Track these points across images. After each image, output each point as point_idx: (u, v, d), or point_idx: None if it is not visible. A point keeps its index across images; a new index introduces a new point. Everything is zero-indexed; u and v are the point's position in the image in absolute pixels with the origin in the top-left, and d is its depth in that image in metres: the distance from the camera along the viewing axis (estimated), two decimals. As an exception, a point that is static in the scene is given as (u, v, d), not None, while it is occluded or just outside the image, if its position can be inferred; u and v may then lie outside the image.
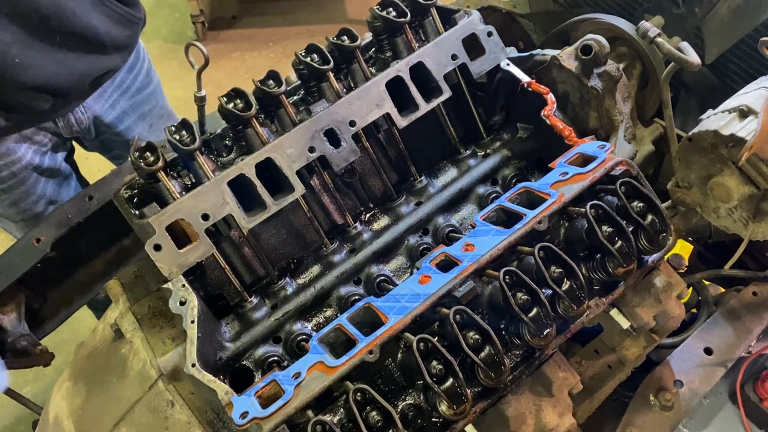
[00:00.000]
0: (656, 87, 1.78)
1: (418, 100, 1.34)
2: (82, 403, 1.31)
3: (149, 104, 2.22)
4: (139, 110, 2.19)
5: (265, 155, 1.23)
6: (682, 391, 1.50)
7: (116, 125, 2.13)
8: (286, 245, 1.38)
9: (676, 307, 1.30)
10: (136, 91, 2.14)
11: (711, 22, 1.80)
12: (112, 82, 2.04)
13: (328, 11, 5.16)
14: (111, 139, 2.17)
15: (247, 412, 0.99)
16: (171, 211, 1.17)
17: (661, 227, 1.18)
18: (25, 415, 2.99)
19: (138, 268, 1.39)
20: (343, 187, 1.42)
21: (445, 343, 1.05)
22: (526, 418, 1.14)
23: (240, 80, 4.56)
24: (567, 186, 1.18)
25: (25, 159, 1.93)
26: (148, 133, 2.22)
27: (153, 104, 2.24)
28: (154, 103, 2.24)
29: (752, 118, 1.33)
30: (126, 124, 2.16)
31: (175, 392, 1.19)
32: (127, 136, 2.17)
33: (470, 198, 1.46)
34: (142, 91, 2.17)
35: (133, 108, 2.15)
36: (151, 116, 2.24)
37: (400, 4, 1.36)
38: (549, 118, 1.39)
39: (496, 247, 1.11)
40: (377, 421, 0.99)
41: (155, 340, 1.26)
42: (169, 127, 1.22)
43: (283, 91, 1.28)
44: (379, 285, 1.34)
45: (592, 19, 1.82)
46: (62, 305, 1.66)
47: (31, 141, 1.93)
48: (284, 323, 1.30)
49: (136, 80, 2.13)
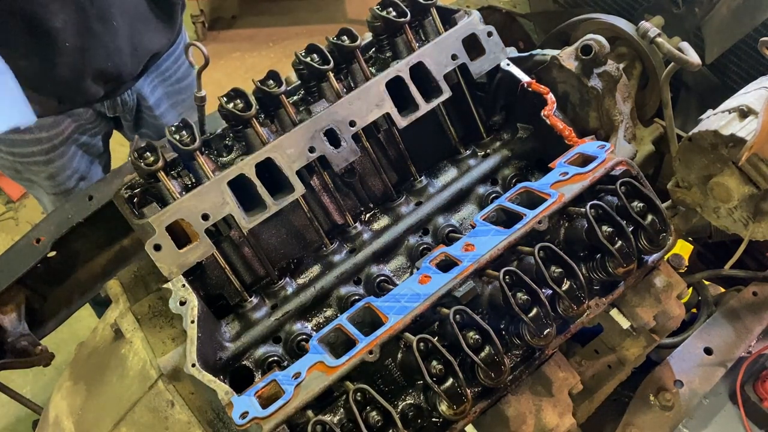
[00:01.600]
0: (656, 87, 1.78)
1: (418, 100, 1.34)
2: (82, 403, 1.31)
3: (184, 95, 2.34)
4: (174, 98, 2.31)
5: (265, 155, 1.23)
6: (682, 391, 1.50)
7: (153, 108, 2.25)
8: (286, 245, 1.38)
9: (676, 307, 1.30)
10: (176, 81, 2.26)
11: (711, 22, 1.80)
12: (158, 67, 2.16)
13: (328, 11, 5.16)
14: (144, 118, 2.27)
15: (247, 412, 0.99)
16: (171, 211, 1.17)
17: (661, 227, 1.18)
18: (25, 415, 2.99)
19: (138, 268, 1.39)
20: (343, 187, 1.42)
21: (445, 343, 1.05)
22: (526, 418, 1.14)
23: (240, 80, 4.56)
24: (567, 186, 1.18)
25: (67, 132, 2.02)
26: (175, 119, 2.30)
27: (187, 95, 2.35)
28: (188, 94, 2.35)
29: (752, 118, 1.33)
30: (161, 110, 2.27)
31: (175, 392, 1.19)
32: (160, 121, 2.29)
33: (470, 198, 1.46)
34: (181, 82, 2.29)
35: (169, 96, 2.27)
36: (182, 106, 2.36)
37: (400, 4, 1.36)
38: (549, 118, 1.39)
39: (496, 247, 1.11)
40: (377, 421, 0.99)
41: (155, 340, 1.26)
42: (169, 127, 1.22)
43: (283, 91, 1.28)
44: (379, 285, 1.34)
45: (592, 19, 1.82)
46: (62, 305, 1.66)
47: (76, 116, 2.01)
48: (284, 323, 1.30)
49: (178, 71, 2.26)
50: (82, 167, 2.16)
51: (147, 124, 2.30)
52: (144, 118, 2.28)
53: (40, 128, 1.95)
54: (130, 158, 1.19)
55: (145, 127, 2.32)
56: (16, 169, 2.09)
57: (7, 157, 2.04)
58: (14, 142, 1.97)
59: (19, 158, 2.03)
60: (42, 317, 1.64)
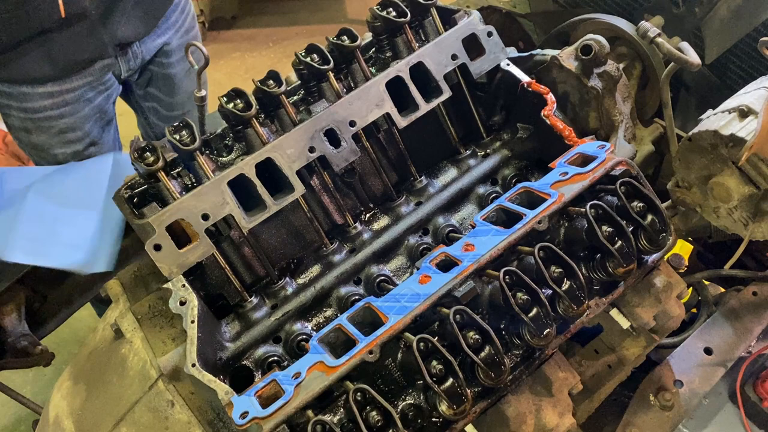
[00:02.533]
0: (656, 87, 1.78)
1: (418, 100, 1.34)
2: (82, 403, 1.31)
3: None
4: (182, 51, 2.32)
5: (265, 155, 1.23)
6: (682, 391, 1.50)
7: (163, 58, 2.26)
8: (286, 245, 1.38)
9: (676, 307, 1.30)
10: (185, 31, 2.28)
11: (711, 22, 1.80)
12: (167, 19, 2.18)
13: (328, 11, 5.16)
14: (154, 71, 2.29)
15: (247, 412, 0.99)
16: (171, 211, 1.17)
17: (661, 227, 1.18)
18: (25, 415, 2.99)
19: (138, 268, 1.39)
20: (343, 187, 1.42)
21: (445, 343, 1.05)
22: (526, 418, 1.14)
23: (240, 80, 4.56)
24: (567, 186, 1.18)
25: (78, 90, 2.03)
26: (185, 75, 2.35)
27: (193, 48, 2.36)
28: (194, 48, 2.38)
29: (752, 118, 1.33)
30: (171, 60, 2.28)
31: (175, 392, 1.19)
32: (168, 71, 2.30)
33: (470, 198, 1.46)
34: (189, 33, 2.31)
35: (180, 48, 2.28)
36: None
37: (400, 4, 1.37)
38: (549, 118, 1.39)
39: (496, 247, 1.11)
40: (377, 421, 0.99)
41: (155, 340, 1.26)
42: (169, 127, 1.22)
43: (283, 91, 1.28)
44: (379, 285, 1.34)
45: (592, 19, 1.83)
46: (62, 305, 1.66)
47: (86, 72, 2.03)
48: (284, 323, 1.30)
49: (185, 21, 2.27)
50: (94, 132, 2.17)
51: (156, 78, 2.31)
52: (155, 73, 2.29)
53: (52, 82, 1.97)
54: (130, 158, 1.19)
55: (154, 85, 2.33)
56: (26, 129, 2.08)
57: (18, 115, 2.03)
58: (26, 96, 1.98)
59: (31, 114, 2.02)
60: (42, 317, 1.64)
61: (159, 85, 2.35)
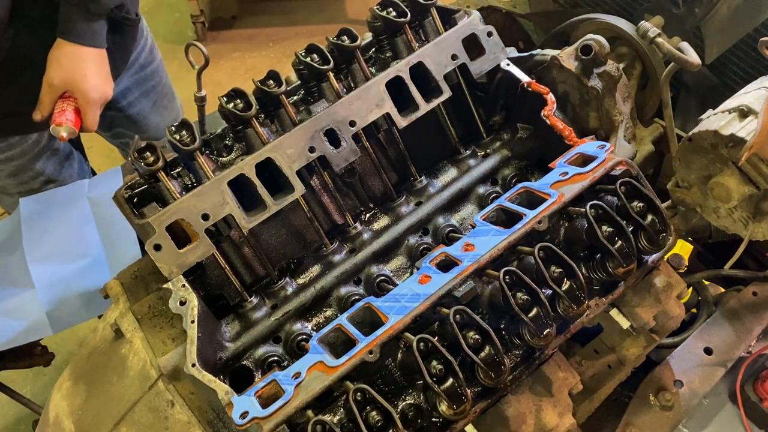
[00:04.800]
0: (656, 87, 1.78)
1: (418, 100, 1.34)
2: (82, 403, 1.30)
3: (153, 81, 2.22)
4: (143, 87, 2.20)
5: (265, 155, 1.23)
6: (682, 391, 1.50)
7: (119, 100, 2.13)
8: (286, 245, 1.38)
9: (676, 307, 1.30)
10: (139, 67, 2.14)
11: (711, 22, 1.80)
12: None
13: (328, 11, 5.15)
14: (113, 115, 2.17)
15: (247, 412, 0.99)
16: (171, 211, 1.17)
17: (661, 227, 1.18)
18: (25, 415, 2.99)
19: (138, 268, 1.39)
20: (343, 187, 1.42)
21: (445, 343, 1.05)
22: (526, 418, 1.14)
23: (240, 80, 4.56)
24: (567, 186, 1.18)
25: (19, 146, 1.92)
26: (151, 110, 2.23)
27: (156, 81, 2.24)
28: (157, 80, 2.24)
29: (752, 118, 1.33)
30: (129, 100, 2.16)
31: (175, 392, 1.19)
32: (129, 112, 2.18)
33: (470, 198, 1.46)
34: (146, 68, 2.17)
35: (137, 84, 2.16)
36: (154, 93, 2.24)
37: (400, 4, 1.37)
38: (549, 118, 1.39)
39: (496, 247, 1.11)
40: (377, 421, 0.99)
41: (155, 340, 1.26)
42: (169, 127, 1.22)
43: (283, 91, 1.28)
44: (379, 285, 1.34)
45: (592, 19, 1.83)
46: (62, 305, 1.66)
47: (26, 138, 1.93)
48: (284, 323, 1.30)
49: (140, 57, 2.12)
50: (48, 169, 2.05)
51: (115, 119, 2.19)
52: (111, 116, 2.16)
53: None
54: (130, 158, 1.19)
55: (117, 124, 2.22)
56: None
57: None
58: None
59: None
60: (42, 317, 1.64)
61: (125, 126, 2.23)
